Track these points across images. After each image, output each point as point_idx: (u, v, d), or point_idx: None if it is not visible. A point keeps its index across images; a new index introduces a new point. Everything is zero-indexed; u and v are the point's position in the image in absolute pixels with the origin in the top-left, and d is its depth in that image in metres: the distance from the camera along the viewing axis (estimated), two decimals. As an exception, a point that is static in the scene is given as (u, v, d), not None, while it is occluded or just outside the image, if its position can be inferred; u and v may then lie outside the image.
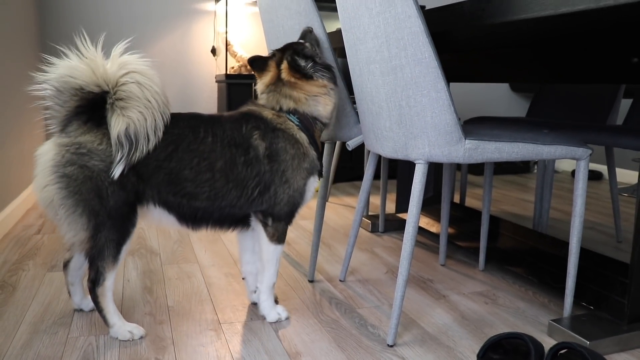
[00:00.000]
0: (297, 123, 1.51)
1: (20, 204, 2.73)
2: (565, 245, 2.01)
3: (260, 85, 1.59)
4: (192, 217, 1.47)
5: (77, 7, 3.59)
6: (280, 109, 1.51)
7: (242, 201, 1.47)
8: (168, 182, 1.41)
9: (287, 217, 1.53)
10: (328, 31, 1.82)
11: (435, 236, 2.52)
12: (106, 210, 1.36)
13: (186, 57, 3.89)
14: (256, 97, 1.61)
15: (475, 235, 2.31)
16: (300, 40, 1.59)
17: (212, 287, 1.86)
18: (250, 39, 3.95)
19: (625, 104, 2.99)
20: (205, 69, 3.94)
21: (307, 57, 1.52)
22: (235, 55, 3.77)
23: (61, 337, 1.48)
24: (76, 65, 1.35)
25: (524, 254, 2.10)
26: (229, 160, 1.43)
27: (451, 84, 3.80)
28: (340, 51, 2.18)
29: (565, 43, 1.81)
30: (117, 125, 1.33)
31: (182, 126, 1.43)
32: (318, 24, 1.70)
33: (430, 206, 2.73)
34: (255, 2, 3.82)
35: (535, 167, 4.62)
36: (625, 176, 4.16)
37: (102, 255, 1.39)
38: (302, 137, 1.51)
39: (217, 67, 3.92)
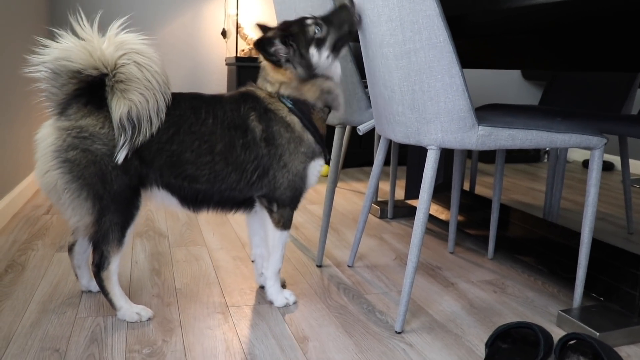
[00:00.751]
0: (290, 105, 1.46)
1: (30, 183, 2.74)
2: (575, 235, 1.99)
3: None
4: (193, 200, 1.46)
5: (87, -13, 3.57)
6: (269, 92, 1.49)
7: (242, 184, 1.45)
8: (170, 165, 1.39)
9: (291, 202, 1.50)
10: (341, 14, 1.79)
11: (444, 223, 2.50)
12: (110, 194, 1.35)
13: (197, 39, 3.87)
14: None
15: (484, 224, 2.29)
16: (306, 16, 1.49)
17: (219, 270, 1.86)
18: (261, 21, 3.92)
19: (640, 94, 2.94)
20: (216, 52, 3.92)
21: (289, 44, 1.43)
22: (246, 38, 3.74)
23: (69, 317, 1.49)
24: (72, 48, 1.31)
25: (534, 243, 2.08)
26: (228, 142, 1.41)
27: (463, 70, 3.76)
28: (352, 35, 2.15)
29: (581, 29, 1.77)
30: (118, 108, 1.30)
31: (183, 107, 1.41)
32: (330, 6, 1.67)
33: (440, 193, 2.71)
34: (267, -16, 3.79)
35: (546, 156, 4.58)
36: (637, 167, 4.11)
37: (106, 239, 1.38)
38: (293, 120, 1.46)
39: (227, 50, 3.89)
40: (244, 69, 3.57)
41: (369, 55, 1.53)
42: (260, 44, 1.42)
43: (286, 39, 1.44)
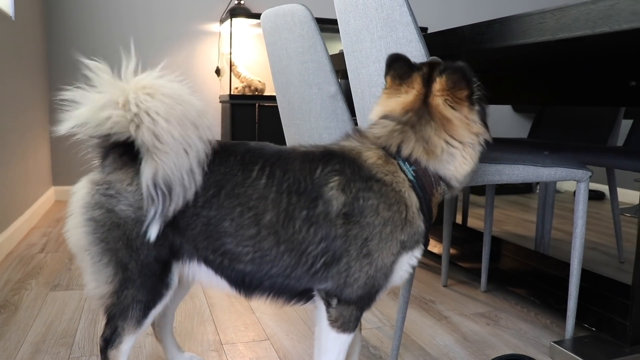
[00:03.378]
0: (412, 177, 1.08)
1: (24, 222, 2.75)
2: (567, 266, 2.01)
3: (392, 103, 1.13)
4: (240, 283, 1.14)
5: (82, 29, 3.64)
6: (397, 153, 1.08)
7: (299, 271, 1.08)
8: (205, 235, 1.09)
9: (360, 301, 1.10)
10: (330, 53, 1.84)
11: (437, 257, 2.52)
12: (137, 265, 1.10)
13: (190, 77, 3.93)
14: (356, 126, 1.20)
15: (477, 256, 2.31)
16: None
17: (214, 307, 1.87)
18: (254, 60, 3.99)
19: (626, 124, 3.01)
20: (210, 90, 3.98)
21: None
22: (239, 76, 3.81)
23: (63, 357, 1.48)
24: (88, 115, 1.08)
25: (526, 275, 2.10)
26: (283, 212, 1.06)
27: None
28: (343, 73, 2.20)
29: (564, 66, 1.83)
30: (145, 170, 1.05)
31: (232, 162, 1.10)
32: (321, 47, 1.72)
33: (432, 226, 2.73)
34: (260, 23, 3.88)
35: (538, 187, 4.62)
36: (628, 196, 4.16)
37: (124, 315, 1.12)
38: (412, 199, 1.08)
39: (221, 88, 3.96)
40: (237, 107, 3.63)
41: (358, 95, 1.58)
42: (461, 75, 1.06)
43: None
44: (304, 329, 1.70)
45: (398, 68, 1.14)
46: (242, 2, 3.80)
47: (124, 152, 1.09)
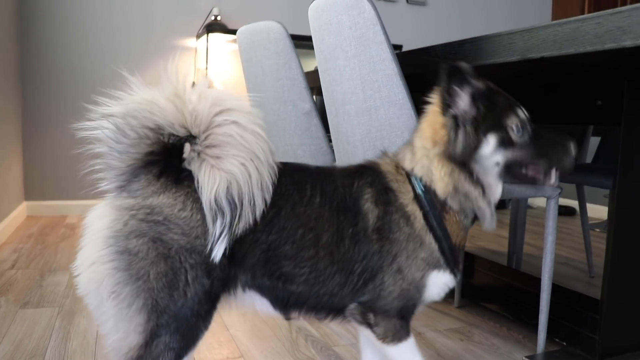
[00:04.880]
0: (420, 190, 1.07)
1: (-6, 239, 2.69)
2: (539, 281, 2.04)
3: None
4: (284, 303, 1.08)
5: (58, 42, 3.61)
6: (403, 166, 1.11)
7: (345, 290, 1.06)
8: (264, 262, 1.02)
9: (400, 313, 1.08)
10: (305, 70, 1.86)
11: (412, 272, 2.53)
12: (175, 307, 0.96)
13: (166, 92, 3.92)
14: None
15: (451, 271, 2.33)
16: (520, 106, 1.13)
17: (187, 324, 1.85)
18: (230, 76, 4.00)
19: (594, 141, 3.09)
20: (185, 104, 3.97)
21: (475, 105, 1.04)
22: (215, 91, 3.81)
23: (32, 377, 1.45)
24: (155, 99, 1.01)
25: (499, 291, 2.12)
26: (336, 232, 1.04)
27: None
28: (318, 90, 2.22)
29: (534, 86, 1.87)
30: (212, 183, 0.94)
31: (284, 182, 1.04)
32: (296, 64, 1.74)
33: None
34: (236, 39, 3.90)
35: (510, 203, 4.69)
36: (598, 212, 4.24)
37: None
38: (415, 212, 1.06)
39: (197, 103, 3.95)
40: (213, 121, 3.62)
41: (332, 112, 1.59)
42: (452, 73, 1.03)
43: (480, 97, 1.04)
44: (277, 346, 1.69)
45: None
46: (218, 18, 3.81)
47: (160, 172, 0.98)
